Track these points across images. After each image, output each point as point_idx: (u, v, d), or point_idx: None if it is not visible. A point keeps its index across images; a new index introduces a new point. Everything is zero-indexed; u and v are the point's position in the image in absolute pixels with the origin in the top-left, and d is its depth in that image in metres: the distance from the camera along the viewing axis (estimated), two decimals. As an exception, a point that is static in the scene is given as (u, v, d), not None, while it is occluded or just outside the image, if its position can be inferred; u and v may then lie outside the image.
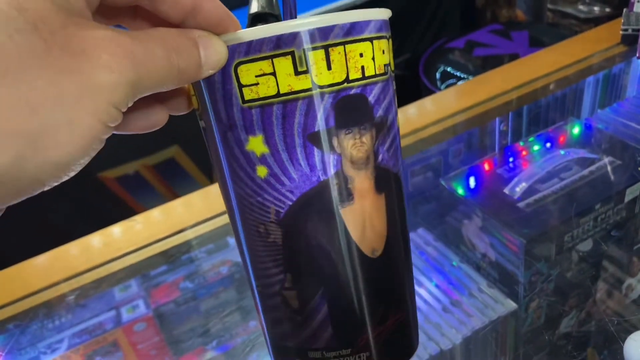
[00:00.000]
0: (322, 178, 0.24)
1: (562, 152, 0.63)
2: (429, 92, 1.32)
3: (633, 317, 0.69)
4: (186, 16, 0.22)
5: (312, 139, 0.24)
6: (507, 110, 0.67)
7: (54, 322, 0.59)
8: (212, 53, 0.22)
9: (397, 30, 2.00)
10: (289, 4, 0.29)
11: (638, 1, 0.67)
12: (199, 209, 0.63)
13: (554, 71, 0.66)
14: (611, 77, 0.73)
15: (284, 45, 0.22)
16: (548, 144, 0.65)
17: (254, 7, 0.29)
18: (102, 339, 0.58)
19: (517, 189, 0.58)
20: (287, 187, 0.24)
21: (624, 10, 0.69)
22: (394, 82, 0.26)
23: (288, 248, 0.25)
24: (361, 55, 0.24)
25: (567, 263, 0.59)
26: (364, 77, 0.24)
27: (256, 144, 0.24)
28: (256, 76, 0.22)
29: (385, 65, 0.25)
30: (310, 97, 0.23)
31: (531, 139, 0.66)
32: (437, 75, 1.37)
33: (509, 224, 0.54)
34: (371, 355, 0.27)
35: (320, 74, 0.23)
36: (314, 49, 0.23)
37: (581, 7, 1.41)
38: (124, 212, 0.67)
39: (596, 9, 1.39)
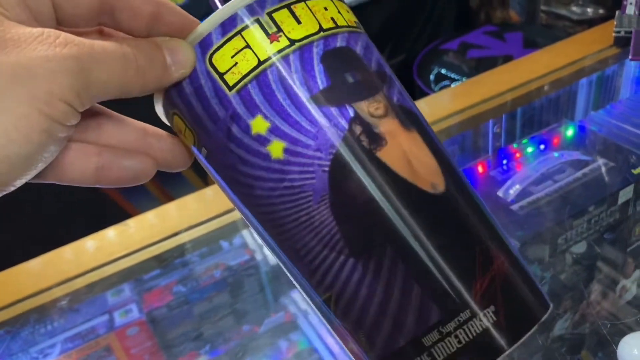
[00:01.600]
0: (344, 128, 0.22)
1: (555, 154, 0.63)
2: (423, 94, 1.32)
3: (627, 319, 0.70)
4: (148, 27, 0.22)
5: (320, 96, 0.22)
6: (501, 113, 0.67)
7: (46, 327, 0.58)
8: (179, 53, 0.22)
9: (392, 32, 2.00)
10: None
11: (630, 3, 0.67)
12: (193, 212, 0.63)
13: (547, 73, 0.66)
14: (604, 79, 0.73)
15: (245, 18, 0.22)
16: (542, 146, 0.65)
17: None
18: (95, 344, 0.58)
19: (511, 192, 0.58)
20: (312, 148, 0.22)
21: (617, 12, 0.69)
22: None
23: (344, 223, 0.22)
24: (325, 9, 0.24)
25: (561, 265, 0.60)
26: (337, 26, 0.24)
27: (259, 124, 0.22)
28: (232, 57, 0.22)
29: (355, 21, 0.25)
30: (295, 51, 0.22)
31: (525, 141, 0.66)
32: (431, 77, 1.37)
33: (503, 226, 0.54)
34: (497, 309, 0.22)
35: (293, 29, 0.23)
36: (277, 9, 0.23)
37: (574, 8, 1.41)
38: (117, 214, 0.66)
39: (589, 10, 1.39)
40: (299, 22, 0.23)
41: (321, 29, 0.23)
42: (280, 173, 0.22)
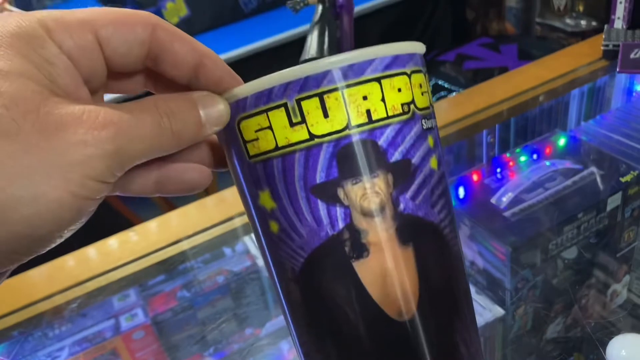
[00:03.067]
0: (330, 233, 0.22)
1: (547, 163, 0.65)
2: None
3: (619, 323, 0.71)
4: (190, 77, 0.23)
5: (315, 191, 0.22)
6: (495, 123, 0.69)
7: (55, 331, 0.60)
8: (213, 111, 0.22)
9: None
10: (345, 49, 0.29)
11: (618, 18, 0.70)
12: (196, 220, 0.65)
13: (538, 85, 0.69)
14: (594, 90, 0.76)
15: (276, 97, 0.22)
16: (535, 156, 0.67)
17: (307, 54, 0.29)
18: (102, 347, 0.60)
19: (504, 199, 0.60)
20: (297, 243, 0.23)
21: (605, 26, 0.72)
22: (425, 119, 0.24)
23: (307, 308, 0.24)
24: (364, 98, 0.22)
25: (553, 270, 0.61)
26: (370, 121, 0.22)
27: (266, 199, 0.23)
28: (255, 131, 0.22)
29: (404, 104, 0.23)
30: (309, 149, 0.22)
31: (518, 150, 0.68)
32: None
33: (495, 232, 0.56)
34: None
35: (317, 122, 0.22)
36: (306, 98, 0.21)
37: (568, 20, 1.44)
38: (121, 224, 0.68)
39: (583, 22, 1.42)
40: (326, 115, 0.22)
41: (348, 127, 0.22)
42: (275, 245, 0.24)
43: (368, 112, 0.22)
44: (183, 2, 1.51)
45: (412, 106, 0.23)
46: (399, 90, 0.22)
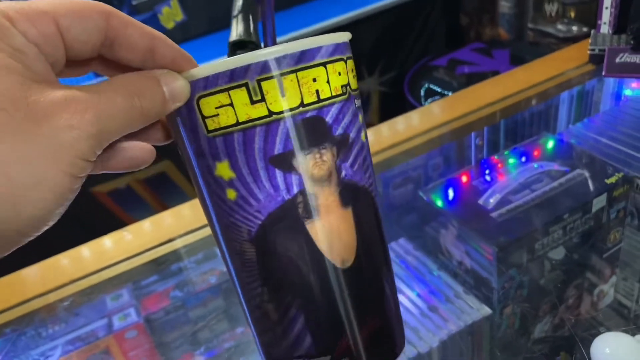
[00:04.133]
0: (286, 197, 0.26)
1: (535, 165, 0.66)
2: (414, 109, 1.36)
3: (606, 322, 0.72)
4: (144, 59, 0.24)
5: (274, 161, 0.25)
6: (483, 125, 0.71)
7: (47, 330, 0.61)
8: (175, 87, 0.24)
9: (384, 49, 2.04)
10: (268, 30, 0.31)
11: (604, 23, 0.71)
12: (188, 220, 0.66)
13: (526, 88, 0.70)
14: (581, 94, 0.77)
15: (238, 78, 0.24)
16: (523, 158, 0.68)
17: (234, 35, 0.31)
18: (95, 346, 0.60)
19: (491, 200, 0.61)
20: (254, 207, 0.26)
21: (592, 31, 0.73)
22: (356, 99, 0.28)
23: (262, 264, 0.27)
24: (314, 80, 0.25)
25: (540, 270, 0.62)
26: (319, 100, 0.25)
27: (223, 170, 0.25)
28: (216, 108, 0.24)
29: (342, 85, 0.26)
30: (268, 124, 0.24)
31: (506, 152, 0.70)
32: (422, 92, 1.41)
33: (482, 233, 0.57)
34: None
35: (275, 101, 0.24)
36: (266, 79, 0.24)
37: (560, 26, 1.45)
38: (115, 225, 0.69)
39: (574, 28, 1.44)
40: (283, 94, 0.24)
41: (301, 104, 0.25)
42: (230, 210, 0.26)
43: (317, 92, 0.25)
44: (179, 6, 1.52)
45: (348, 88, 0.27)
46: (339, 74, 0.26)
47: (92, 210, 1.47)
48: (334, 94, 0.26)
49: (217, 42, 1.59)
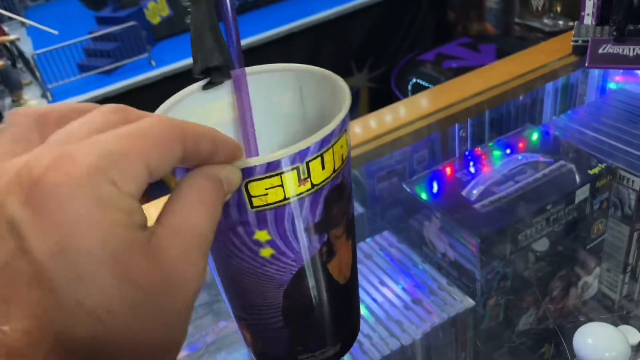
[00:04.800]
0: (316, 250, 0.30)
1: (519, 156, 0.66)
2: (400, 103, 1.36)
3: (590, 314, 0.72)
4: (206, 161, 0.24)
5: (314, 227, 0.29)
6: (467, 117, 0.70)
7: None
8: (232, 182, 0.25)
9: (374, 45, 2.04)
10: (232, 40, 0.31)
11: (587, 14, 0.71)
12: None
13: (510, 80, 0.70)
14: (564, 86, 0.77)
15: (291, 163, 0.26)
16: (507, 150, 0.68)
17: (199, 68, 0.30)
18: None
19: (474, 192, 0.61)
20: (289, 261, 0.29)
21: (575, 22, 0.73)
22: None
23: (285, 303, 0.31)
24: (341, 146, 0.28)
25: (524, 262, 0.62)
26: (343, 163, 0.29)
27: (262, 235, 0.28)
28: (266, 188, 0.26)
29: (342, 156, 0.30)
30: (310, 194, 0.27)
31: (490, 144, 0.69)
32: (409, 87, 1.40)
33: (464, 224, 0.57)
34: (341, 346, 0.35)
35: (317, 174, 0.27)
36: (314, 159, 0.27)
37: (546, 20, 1.46)
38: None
39: (560, 22, 1.44)
40: (323, 167, 0.27)
41: (334, 170, 0.28)
42: (262, 265, 0.29)
43: (342, 156, 0.28)
44: (165, 1, 1.51)
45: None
46: (347, 144, 0.30)
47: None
48: (347, 155, 0.29)
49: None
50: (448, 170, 0.66)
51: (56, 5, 2.27)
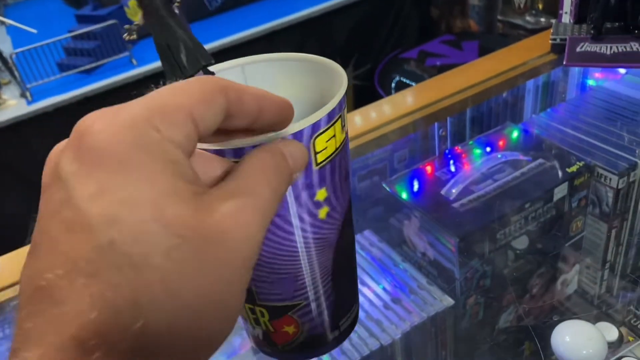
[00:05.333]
0: (348, 199, 0.32)
1: (498, 155, 0.66)
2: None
3: (570, 311, 0.73)
4: (253, 121, 0.24)
5: (346, 175, 0.30)
6: (447, 116, 0.70)
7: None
8: (299, 160, 0.25)
9: (358, 43, 2.04)
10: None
11: (566, 12, 0.71)
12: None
13: (489, 78, 0.70)
14: (544, 83, 0.77)
15: (340, 110, 0.28)
16: (487, 148, 0.68)
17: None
18: None
19: (453, 191, 0.61)
20: (338, 213, 0.31)
21: (554, 21, 0.73)
22: None
23: (336, 257, 0.32)
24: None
25: (503, 260, 0.62)
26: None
27: (321, 194, 0.29)
28: (326, 141, 0.27)
29: None
30: (346, 143, 0.30)
31: (470, 142, 0.69)
32: (392, 84, 1.40)
33: (443, 223, 0.57)
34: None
35: (347, 125, 0.30)
36: (344, 110, 0.29)
37: (528, 18, 1.46)
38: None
39: (542, 19, 1.45)
40: (344, 122, 0.30)
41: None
42: (319, 228, 0.30)
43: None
44: (146, -1, 1.49)
45: None
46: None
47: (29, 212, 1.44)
48: None
49: (186, 35, 1.56)
50: (428, 168, 0.66)
51: (37, 3, 2.24)
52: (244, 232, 0.20)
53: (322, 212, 0.29)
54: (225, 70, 0.32)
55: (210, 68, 0.32)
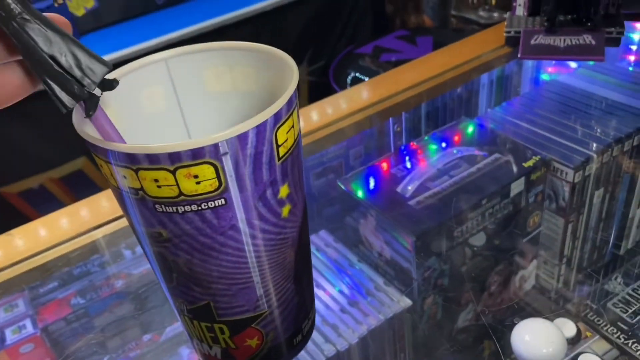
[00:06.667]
0: (304, 195, 0.30)
1: (454, 150, 0.64)
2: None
3: (528, 307, 0.72)
4: None
5: (302, 169, 0.29)
6: (401, 111, 0.68)
7: None
8: None
9: (312, 38, 2.01)
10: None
11: (519, 5, 0.70)
12: (89, 219, 0.60)
13: (444, 72, 0.68)
14: (499, 77, 0.76)
15: (295, 99, 0.26)
16: (442, 144, 0.66)
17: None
18: (-18, 364, 0.54)
19: (409, 188, 0.59)
20: (298, 210, 0.29)
21: (508, 13, 0.72)
22: None
23: (297, 259, 0.31)
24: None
25: (460, 258, 0.61)
26: None
27: (284, 190, 0.27)
28: (286, 132, 0.26)
29: None
30: (299, 137, 0.28)
31: (426, 138, 0.68)
32: (348, 80, 1.38)
33: (399, 222, 0.55)
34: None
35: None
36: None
37: (482, 13, 1.47)
38: (18, 222, 0.63)
39: (495, 14, 1.45)
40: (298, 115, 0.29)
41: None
42: (282, 228, 0.28)
43: None
44: (90, -7, 1.43)
45: None
46: None
47: (1, 212, 1.37)
48: None
49: (131, 30, 1.51)
50: (384, 165, 0.64)
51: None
52: None
53: (285, 210, 0.28)
54: (146, 65, 0.29)
55: (127, 65, 0.29)
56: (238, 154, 0.24)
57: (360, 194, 0.60)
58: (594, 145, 0.63)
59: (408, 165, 0.63)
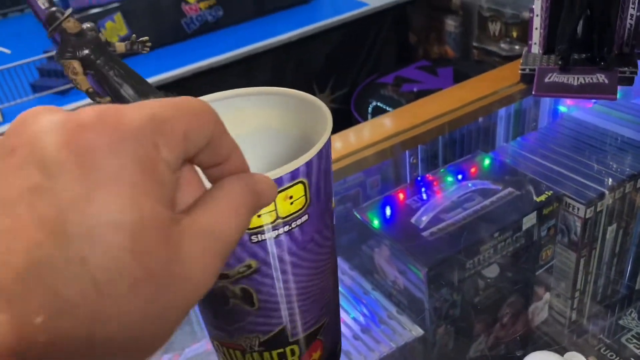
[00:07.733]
0: None
1: (469, 183, 0.66)
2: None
3: (540, 340, 0.73)
4: (217, 164, 0.23)
5: None
6: (418, 143, 0.71)
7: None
8: (267, 199, 0.24)
9: (336, 67, 2.05)
10: None
11: (535, 43, 0.72)
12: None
13: (462, 106, 0.70)
14: (516, 112, 0.78)
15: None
16: (458, 176, 0.68)
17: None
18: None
19: (423, 219, 0.61)
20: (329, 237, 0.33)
21: (524, 51, 0.74)
22: None
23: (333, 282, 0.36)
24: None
25: (474, 289, 0.62)
26: None
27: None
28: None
29: None
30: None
31: (442, 170, 0.70)
32: (369, 109, 1.41)
33: (412, 252, 0.57)
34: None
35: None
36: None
37: (503, 45, 1.49)
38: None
39: (517, 47, 1.47)
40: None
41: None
42: (333, 234, 0.33)
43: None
44: (123, 21, 1.49)
45: None
46: None
47: None
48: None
49: (163, 57, 1.56)
50: (400, 196, 0.66)
51: (12, 21, 2.22)
52: (204, 274, 0.20)
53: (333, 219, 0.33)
54: None
55: None
56: (317, 170, 0.27)
57: (375, 223, 0.62)
58: (607, 181, 0.64)
59: (423, 196, 0.65)
